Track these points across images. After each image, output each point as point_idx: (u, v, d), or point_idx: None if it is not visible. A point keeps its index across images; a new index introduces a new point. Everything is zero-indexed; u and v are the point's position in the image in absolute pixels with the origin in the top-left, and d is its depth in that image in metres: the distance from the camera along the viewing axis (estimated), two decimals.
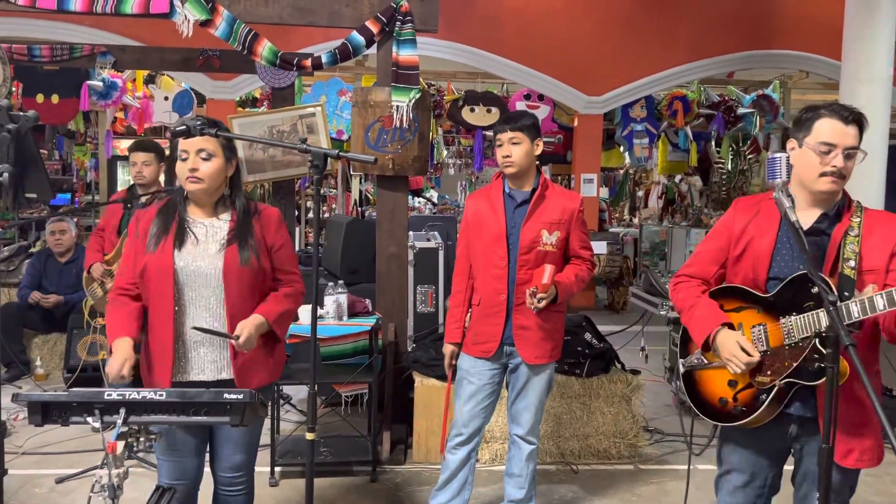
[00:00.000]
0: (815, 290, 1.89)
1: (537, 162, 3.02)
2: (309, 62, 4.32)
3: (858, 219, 2.01)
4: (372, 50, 4.28)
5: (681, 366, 2.25)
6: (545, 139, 4.09)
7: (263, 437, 3.97)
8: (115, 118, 9.11)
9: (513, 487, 3.08)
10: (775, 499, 2.32)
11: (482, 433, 3.10)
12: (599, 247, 8.89)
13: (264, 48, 4.21)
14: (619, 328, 5.03)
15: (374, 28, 4.15)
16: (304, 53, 4.49)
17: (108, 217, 4.24)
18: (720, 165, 11.46)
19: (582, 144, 9.26)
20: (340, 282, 3.97)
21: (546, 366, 2.98)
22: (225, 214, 2.35)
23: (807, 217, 2.06)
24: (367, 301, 4.10)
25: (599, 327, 4.40)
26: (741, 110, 9.32)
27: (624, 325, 5.13)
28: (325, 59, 4.27)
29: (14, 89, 7.14)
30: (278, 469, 3.79)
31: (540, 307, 2.81)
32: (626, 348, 4.79)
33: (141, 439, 1.84)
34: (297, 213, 9.37)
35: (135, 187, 4.22)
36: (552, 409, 4.03)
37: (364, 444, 4.00)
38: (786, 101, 9.86)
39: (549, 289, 2.80)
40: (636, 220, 12.84)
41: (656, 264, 10.06)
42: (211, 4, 4.00)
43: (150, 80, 8.40)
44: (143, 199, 3.98)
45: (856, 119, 2.00)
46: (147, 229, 2.30)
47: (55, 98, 7.34)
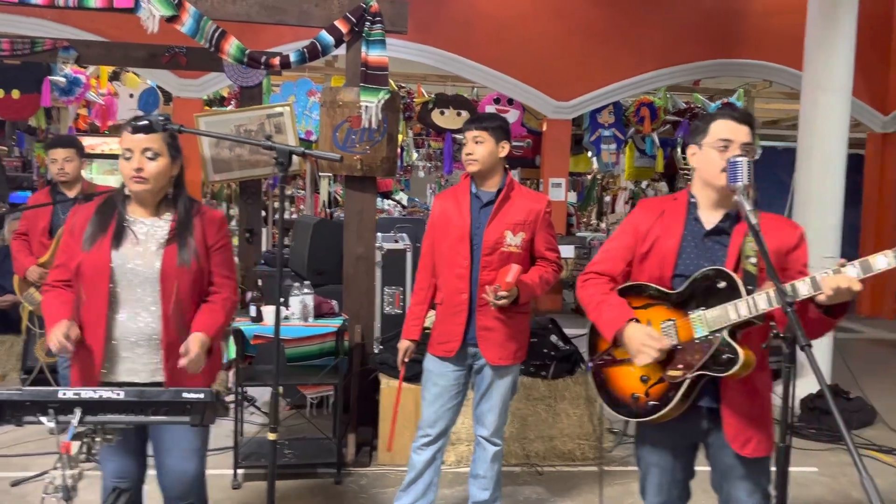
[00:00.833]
0: (721, 285, 2.00)
1: (506, 165, 3.03)
2: (277, 60, 4.29)
3: (755, 220, 2.10)
4: (341, 50, 4.27)
5: (588, 363, 2.31)
6: (515, 143, 4.12)
7: (226, 440, 3.97)
8: (78, 115, 8.93)
9: (478, 489, 3.09)
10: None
11: (448, 434, 3.09)
12: (567, 251, 8.99)
13: (231, 46, 4.17)
14: (584, 331, 5.02)
15: (344, 28, 4.14)
16: (273, 52, 4.45)
17: (32, 220, 4.11)
18: (686, 172, 11.63)
19: (550, 149, 9.33)
20: (307, 282, 3.94)
21: (510, 367, 2.99)
22: (167, 214, 2.30)
23: (711, 217, 2.16)
24: (334, 302, 4.07)
25: (566, 330, 4.43)
26: None
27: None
28: (293, 58, 4.24)
29: None
30: (241, 471, 3.75)
31: (498, 304, 2.82)
32: None
33: (97, 440, 1.80)
34: (264, 214, 9.28)
35: (57, 185, 4.13)
36: (518, 411, 4.04)
37: (329, 446, 3.97)
38: (750, 110, 10.05)
39: (512, 288, 2.80)
40: (603, 224, 12.96)
41: None
42: (177, 0, 3.95)
43: (114, 77, 8.25)
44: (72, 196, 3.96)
45: (746, 119, 2.15)
46: (83, 226, 2.25)
47: (15, 93, 7.15)
